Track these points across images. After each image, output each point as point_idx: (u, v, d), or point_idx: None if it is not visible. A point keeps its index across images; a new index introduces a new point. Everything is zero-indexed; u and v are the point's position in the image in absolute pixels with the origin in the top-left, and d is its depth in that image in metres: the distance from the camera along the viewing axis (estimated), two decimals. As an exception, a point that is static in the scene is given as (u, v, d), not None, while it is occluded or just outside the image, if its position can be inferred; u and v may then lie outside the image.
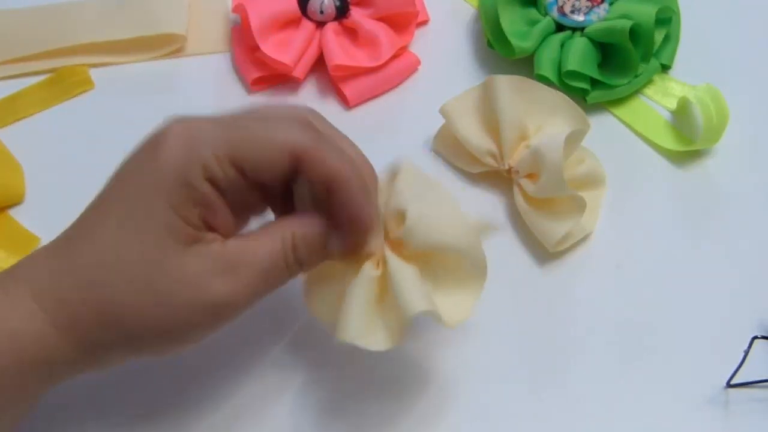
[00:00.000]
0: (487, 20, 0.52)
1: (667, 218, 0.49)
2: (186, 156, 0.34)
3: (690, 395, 0.43)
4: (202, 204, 0.34)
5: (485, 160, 0.48)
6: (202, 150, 0.34)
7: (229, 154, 0.34)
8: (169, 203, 0.34)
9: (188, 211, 0.34)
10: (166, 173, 0.34)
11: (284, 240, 0.36)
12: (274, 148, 0.35)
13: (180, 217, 0.34)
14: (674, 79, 0.53)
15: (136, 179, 0.35)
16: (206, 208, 0.35)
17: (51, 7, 0.56)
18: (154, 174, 0.34)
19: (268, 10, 0.51)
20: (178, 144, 0.34)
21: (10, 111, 0.53)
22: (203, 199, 0.34)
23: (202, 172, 0.34)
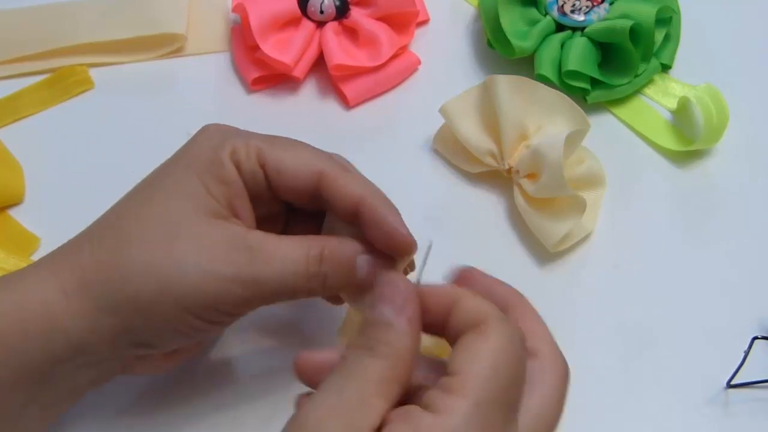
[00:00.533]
0: (487, 20, 0.52)
1: (667, 218, 0.49)
2: (218, 140, 0.36)
3: (690, 395, 0.43)
4: (227, 183, 0.35)
5: (485, 160, 0.48)
6: (233, 138, 0.36)
7: (258, 148, 0.36)
8: (198, 176, 0.35)
9: (215, 187, 0.35)
10: (198, 152, 0.36)
11: (311, 249, 0.35)
12: (300, 163, 0.36)
13: (207, 190, 0.35)
14: (674, 78, 0.53)
15: (169, 163, 0.37)
16: (231, 189, 0.35)
17: (51, 7, 0.56)
18: (186, 155, 0.37)
19: (268, 9, 0.51)
20: (212, 133, 0.37)
21: (10, 111, 0.53)
22: (229, 178, 0.35)
23: (230, 153, 0.36)
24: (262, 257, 0.35)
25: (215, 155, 0.36)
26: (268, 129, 0.51)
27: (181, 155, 0.37)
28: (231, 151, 0.36)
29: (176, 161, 0.37)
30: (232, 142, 0.36)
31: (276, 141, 0.37)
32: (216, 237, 0.34)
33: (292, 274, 0.35)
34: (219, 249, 0.34)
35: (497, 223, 0.49)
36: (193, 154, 0.36)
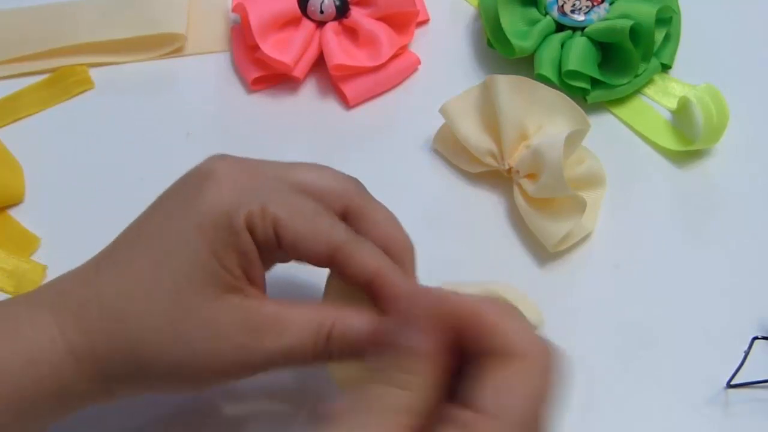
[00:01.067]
0: (487, 20, 0.52)
1: (667, 218, 0.49)
2: (234, 200, 0.33)
3: (690, 395, 0.43)
4: (241, 252, 0.34)
5: (485, 160, 0.48)
6: (249, 199, 0.33)
7: (275, 217, 0.33)
8: (210, 245, 0.33)
9: (228, 258, 0.33)
10: (210, 213, 0.33)
11: (321, 326, 0.34)
12: (318, 237, 0.34)
13: (219, 262, 0.33)
14: (674, 78, 0.53)
15: (177, 215, 0.34)
16: (245, 257, 0.34)
17: (51, 7, 0.56)
18: (197, 212, 0.33)
19: (268, 9, 0.51)
20: (227, 186, 0.34)
21: (10, 111, 0.53)
22: (243, 247, 0.33)
23: (245, 220, 0.33)
24: (271, 336, 0.34)
25: (229, 221, 0.33)
26: (268, 129, 0.52)
27: (191, 208, 0.34)
28: (246, 217, 0.33)
29: (186, 216, 0.34)
30: (247, 206, 0.33)
31: (295, 208, 0.34)
32: (227, 318, 0.33)
33: (299, 352, 0.34)
34: (228, 334, 0.33)
35: (497, 223, 0.49)
36: (206, 215, 0.33)
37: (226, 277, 0.33)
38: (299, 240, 0.34)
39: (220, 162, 0.35)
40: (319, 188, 0.36)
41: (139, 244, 0.35)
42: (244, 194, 0.34)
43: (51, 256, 0.48)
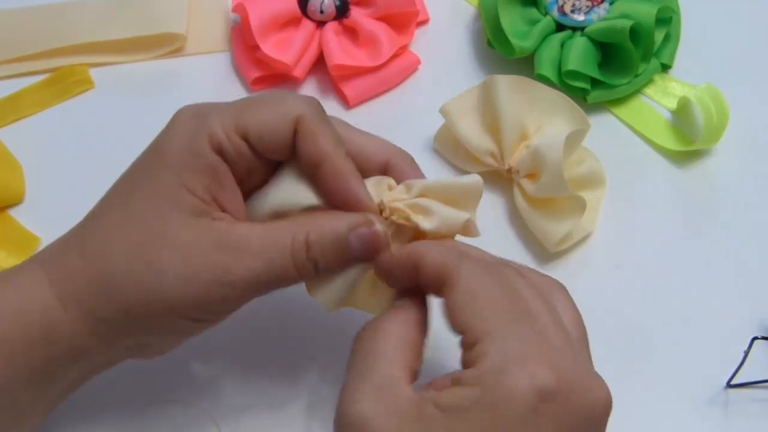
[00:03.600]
0: (488, 20, 0.52)
1: (667, 218, 0.49)
2: (193, 128, 0.34)
3: (690, 395, 0.43)
4: (208, 174, 0.34)
5: (485, 160, 0.48)
6: (207, 120, 0.34)
7: (234, 123, 0.34)
8: (174, 173, 0.34)
9: (194, 181, 0.34)
10: (173, 146, 0.34)
11: (295, 236, 0.34)
12: (278, 115, 0.35)
13: (185, 187, 0.34)
14: (674, 78, 0.53)
15: (145, 160, 0.36)
16: (213, 179, 0.34)
17: (51, 7, 0.56)
18: (161, 151, 0.35)
19: (268, 9, 0.51)
20: (185, 122, 0.35)
21: (10, 111, 0.53)
22: (210, 168, 0.34)
23: (208, 141, 0.34)
24: (245, 255, 0.34)
25: (192, 146, 0.34)
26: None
27: (157, 149, 0.35)
28: (209, 137, 0.34)
29: (152, 157, 0.35)
30: (207, 126, 0.34)
31: (251, 100, 0.36)
32: (196, 240, 0.34)
33: (279, 267, 0.34)
34: (200, 253, 0.34)
35: (497, 223, 0.49)
36: (169, 149, 0.35)
37: (194, 200, 0.34)
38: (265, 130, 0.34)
39: (181, 109, 0.36)
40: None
41: (112, 194, 0.36)
42: (201, 119, 0.35)
43: (51, 256, 0.48)
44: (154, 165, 0.35)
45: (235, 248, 0.34)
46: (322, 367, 0.44)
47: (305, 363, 0.44)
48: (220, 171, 0.34)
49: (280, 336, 0.45)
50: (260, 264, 0.34)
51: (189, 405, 0.43)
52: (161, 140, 0.35)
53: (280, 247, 0.34)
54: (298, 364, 0.44)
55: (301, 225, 0.35)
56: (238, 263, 0.34)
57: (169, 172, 0.34)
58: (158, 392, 0.43)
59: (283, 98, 0.35)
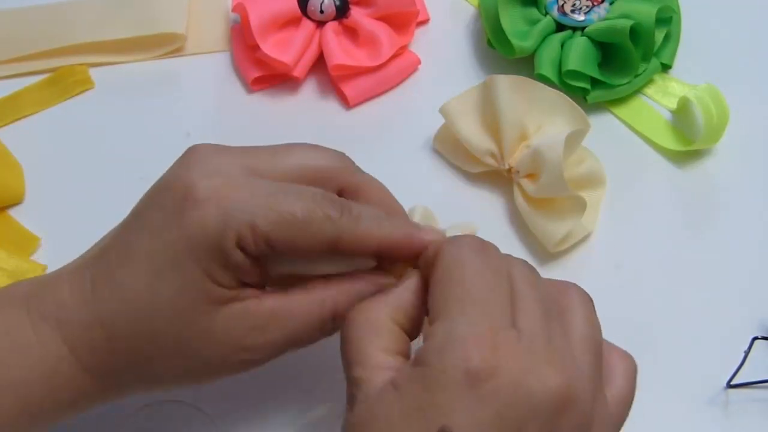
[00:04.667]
0: (488, 19, 0.52)
1: (667, 218, 0.49)
2: (219, 223, 0.33)
3: (690, 395, 0.43)
4: (234, 268, 0.34)
5: (485, 160, 0.48)
6: (237, 221, 0.33)
7: (265, 234, 0.33)
8: (202, 267, 0.33)
9: (221, 276, 0.34)
10: (200, 239, 0.33)
11: (323, 307, 0.35)
12: (314, 237, 0.34)
13: (212, 280, 0.33)
14: (675, 78, 0.53)
15: (164, 236, 0.34)
16: (239, 272, 0.34)
17: (51, 7, 0.56)
18: (184, 235, 0.33)
19: (268, 9, 0.51)
20: (210, 209, 0.33)
21: (10, 111, 0.53)
22: (235, 265, 0.34)
23: (235, 242, 0.33)
24: (273, 331, 0.34)
25: (218, 245, 0.33)
26: (268, 129, 0.52)
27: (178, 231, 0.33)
28: (236, 239, 0.33)
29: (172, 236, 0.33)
30: (235, 227, 0.33)
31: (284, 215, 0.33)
32: (227, 325, 0.34)
33: (306, 336, 0.35)
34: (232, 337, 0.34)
35: (497, 223, 0.49)
36: (193, 240, 0.33)
37: (221, 291, 0.34)
38: (295, 246, 0.34)
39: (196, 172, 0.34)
40: (310, 169, 0.36)
41: (131, 263, 0.34)
42: (229, 214, 0.33)
43: (51, 256, 0.48)
44: (178, 251, 0.33)
45: (264, 327, 0.34)
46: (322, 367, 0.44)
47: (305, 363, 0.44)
48: (245, 264, 0.34)
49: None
50: (287, 338, 0.35)
51: (189, 405, 0.43)
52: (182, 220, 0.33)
53: (308, 320, 0.35)
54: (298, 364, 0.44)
55: (328, 293, 0.35)
56: (268, 341, 0.35)
57: (194, 263, 0.33)
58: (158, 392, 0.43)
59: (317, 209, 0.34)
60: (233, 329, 0.34)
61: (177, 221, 0.33)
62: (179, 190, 0.34)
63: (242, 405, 0.43)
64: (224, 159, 0.35)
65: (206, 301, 0.34)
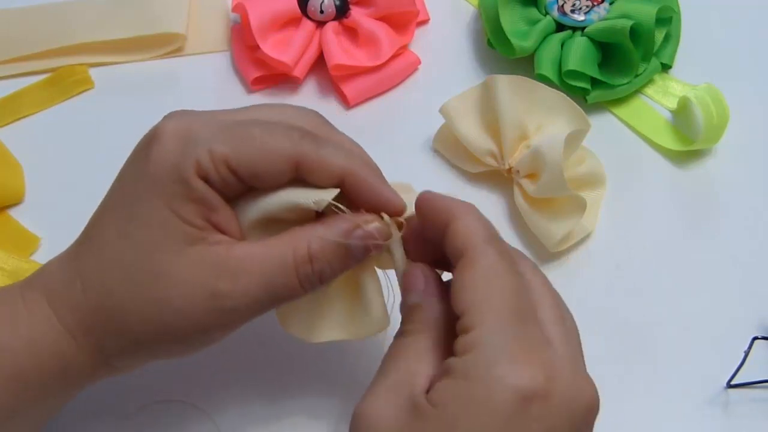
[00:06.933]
0: (488, 19, 0.52)
1: (667, 218, 0.49)
2: (178, 152, 0.33)
3: (690, 395, 0.43)
4: (198, 201, 0.33)
5: (485, 160, 0.48)
6: (195, 146, 0.33)
7: (224, 156, 0.33)
8: (165, 201, 0.33)
9: (185, 209, 0.33)
10: (160, 171, 0.33)
11: (296, 251, 0.34)
12: (273, 156, 0.33)
13: (177, 215, 0.33)
14: (675, 78, 0.53)
15: (133, 181, 0.34)
16: (204, 206, 0.33)
17: (51, 7, 0.56)
18: (148, 173, 0.33)
19: (268, 9, 0.51)
20: (171, 141, 0.33)
21: (10, 111, 0.53)
22: (199, 196, 0.33)
23: (194, 169, 0.33)
24: (245, 278, 0.33)
25: (180, 174, 0.33)
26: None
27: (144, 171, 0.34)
28: (195, 166, 0.33)
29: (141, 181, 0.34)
30: (193, 155, 0.33)
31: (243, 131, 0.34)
32: (193, 271, 0.33)
33: (282, 286, 0.34)
34: (198, 284, 0.33)
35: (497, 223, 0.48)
36: (157, 174, 0.33)
37: (187, 229, 0.33)
38: (256, 168, 0.33)
39: (166, 120, 0.35)
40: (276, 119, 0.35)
41: (106, 218, 0.35)
42: (188, 144, 0.33)
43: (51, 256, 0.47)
44: (144, 191, 0.34)
45: (234, 272, 0.33)
46: (322, 367, 0.44)
47: (305, 363, 0.44)
48: (210, 197, 0.33)
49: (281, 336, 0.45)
50: (262, 286, 0.34)
51: (189, 405, 0.43)
52: (146, 161, 0.34)
53: (281, 264, 0.34)
54: (298, 363, 0.44)
55: (300, 238, 0.34)
56: (239, 288, 0.33)
57: (159, 199, 0.33)
58: (158, 392, 0.43)
59: (274, 133, 0.34)
60: (201, 272, 0.33)
61: (143, 163, 0.34)
62: (147, 138, 0.35)
63: (242, 405, 0.43)
64: (196, 112, 0.35)
65: (172, 240, 0.33)
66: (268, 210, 0.34)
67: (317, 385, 0.44)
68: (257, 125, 0.34)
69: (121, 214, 0.34)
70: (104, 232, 0.35)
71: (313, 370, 0.44)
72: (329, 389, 0.44)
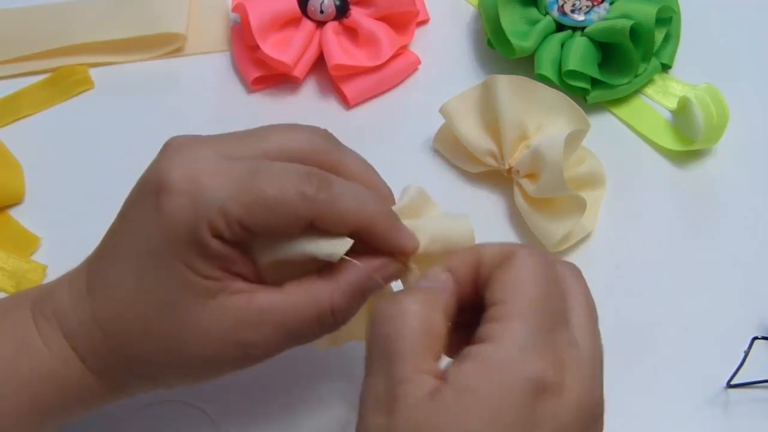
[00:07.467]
0: (488, 20, 0.52)
1: (667, 218, 0.49)
2: (190, 212, 0.32)
3: (690, 395, 0.43)
4: (215, 257, 0.33)
5: (485, 160, 0.48)
6: (207, 207, 0.32)
7: (237, 217, 0.32)
8: (183, 261, 0.33)
9: (204, 266, 0.33)
10: (173, 233, 0.33)
11: (319, 305, 0.34)
12: (288, 216, 0.33)
13: (196, 273, 0.33)
14: (675, 78, 0.53)
15: (145, 233, 0.34)
16: (221, 261, 0.33)
17: (51, 7, 0.56)
18: (161, 232, 0.33)
19: (268, 9, 0.51)
20: (181, 199, 0.33)
21: (10, 111, 0.53)
22: (215, 253, 0.33)
23: (209, 230, 0.32)
24: (268, 328, 0.34)
25: (194, 237, 0.32)
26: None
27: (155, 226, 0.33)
28: (209, 228, 0.32)
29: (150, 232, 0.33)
30: (206, 215, 0.32)
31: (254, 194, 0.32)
32: (215, 323, 0.33)
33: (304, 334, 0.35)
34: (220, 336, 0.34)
35: (497, 223, 0.49)
36: (170, 236, 0.33)
37: (207, 283, 0.33)
38: (269, 227, 0.33)
39: (171, 163, 0.34)
40: (288, 152, 0.35)
41: (119, 265, 0.35)
42: (200, 204, 0.32)
43: (51, 256, 0.48)
44: (159, 249, 0.33)
45: (257, 324, 0.34)
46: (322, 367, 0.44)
47: (305, 363, 0.44)
48: (227, 252, 0.33)
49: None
50: (284, 335, 0.34)
51: (189, 405, 0.43)
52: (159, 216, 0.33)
53: (303, 318, 0.34)
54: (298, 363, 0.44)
55: (322, 292, 0.34)
56: (262, 337, 0.34)
57: (176, 260, 0.33)
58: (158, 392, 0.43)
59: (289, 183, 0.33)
60: (224, 324, 0.33)
61: (154, 216, 0.33)
62: (154, 184, 0.34)
63: (242, 405, 0.43)
64: (199, 147, 0.34)
65: (192, 295, 0.33)
66: (283, 257, 0.34)
67: (318, 386, 0.44)
68: (267, 178, 0.33)
69: (136, 265, 0.34)
70: (120, 283, 0.34)
71: (313, 370, 0.44)
72: (330, 390, 0.44)
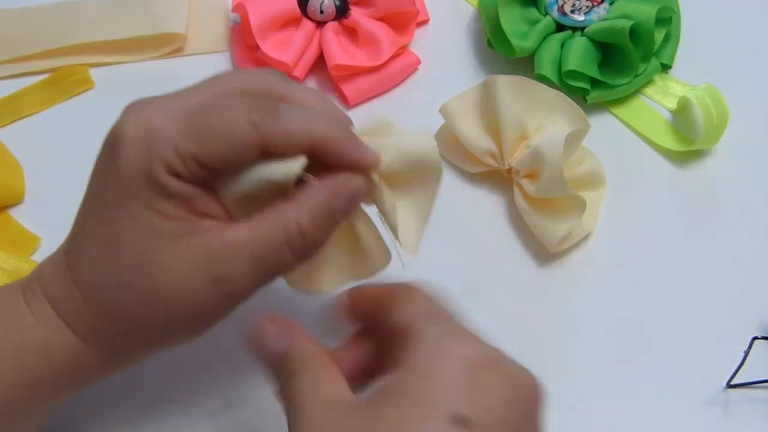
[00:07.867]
0: (488, 20, 0.52)
1: (667, 218, 0.49)
2: (144, 155, 0.33)
3: (690, 395, 0.43)
4: (176, 196, 0.33)
5: (485, 160, 0.48)
6: (159, 147, 0.33)
7: (190, 152, 0.33)
8: (144, 204, 0.33)
9: (166, 207, 0.33)
10: (131, 177, 0.33)
11: (286, 229, 0.34)
12: (238, 144, 0.33)
13: (160, 214, 0.33)
14: (674, 78, 0.53)
15: (107, 186, 0.35)
16: (183, 199, 0.34)
17: (51, 7, 0.56)
18: (120, 180, 0.34)
19: (268, 9, 0.51)
20: (134, 145, 0.33)
21: (10, 111, 0.53)
22: (175, 192, 0.33)
23: (164, 169, 0.33)
24: (239, 260, 0.34)
25: (151, 178, 0.33)
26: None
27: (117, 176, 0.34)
28: (164, 166, 0.33)
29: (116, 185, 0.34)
30: (160, 156, 0.33)
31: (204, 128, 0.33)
32: (187, 264, 0.33)
33: (275, 262, 0.34)
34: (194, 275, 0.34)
35: (497, 223, 0.49)
36: (129, 181, 0.33)
37: (173, 224, 0.33)
38: (223, 158, 0.33)
39: (125, 118, 0.35)
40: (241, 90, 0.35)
41: (90, 226, 0.35)
42: (153, 145, 0.33)
43: (51, 256, 0.48)
44: (121, 197, 0.34)
45: (228, 258, 0.34)
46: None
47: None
48: (186, 190, 0.34)
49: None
50: (257, 266, 0.34)
51: (189, 405, 0.43)
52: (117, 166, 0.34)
53: (272, 244, 0.34)
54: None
55: (288, 216, 0.34)
56: (235, 272, 0.34)
57: (138, 203, 0.33)
58: (158, 392, 0.43)
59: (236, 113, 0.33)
60: (196, 263, 0.33)
61: (113, 168, 0.34)
62: (110, 140, 0.35)
63: (242, 405, 0.43)
64: (153, 101, 0.35)
65: (161, 238, 0.33)
66: (244, 190, 0.35)
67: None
68: (216, 112, 0.34)
69: (104, 221, 0.34)
70: (92, 242, 0.35)
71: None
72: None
